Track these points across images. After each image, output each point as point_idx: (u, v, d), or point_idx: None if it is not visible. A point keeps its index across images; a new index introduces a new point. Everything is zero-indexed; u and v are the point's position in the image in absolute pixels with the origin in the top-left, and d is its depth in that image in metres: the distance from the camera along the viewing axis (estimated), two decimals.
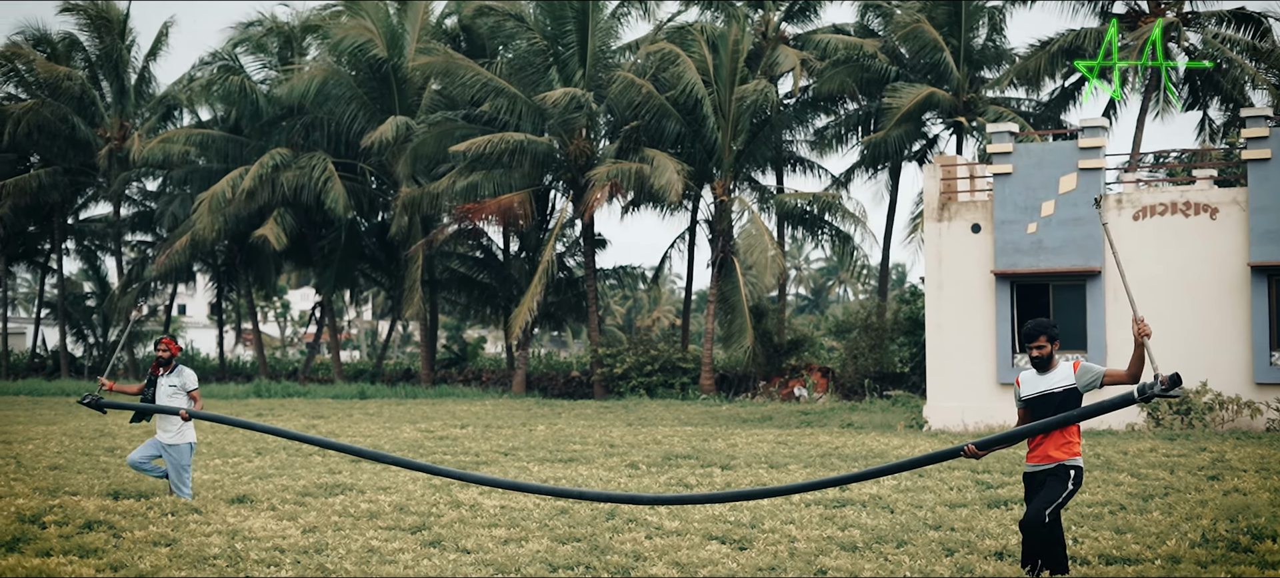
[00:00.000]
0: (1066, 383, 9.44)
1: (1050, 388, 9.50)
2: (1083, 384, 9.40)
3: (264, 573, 10.03)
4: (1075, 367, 9.50)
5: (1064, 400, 9.42)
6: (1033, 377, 9.66)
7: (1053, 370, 9.57)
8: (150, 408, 14.19)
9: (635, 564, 10.41)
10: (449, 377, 48.99)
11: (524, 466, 18.76)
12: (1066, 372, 9.50)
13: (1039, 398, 9.54)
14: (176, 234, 47.34)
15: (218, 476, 17.01)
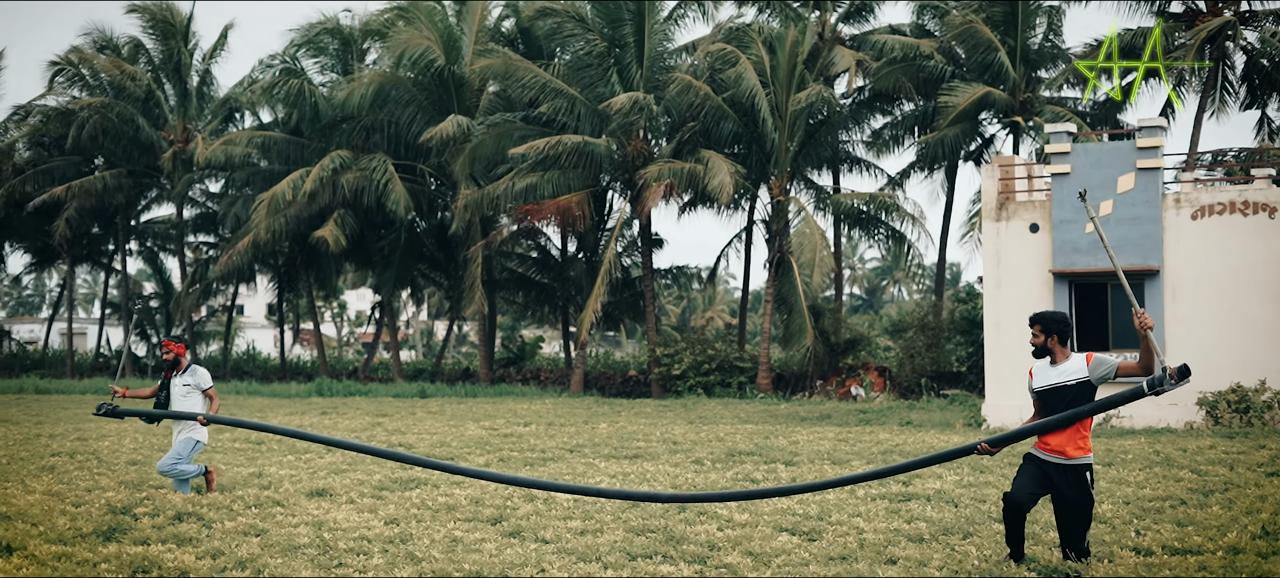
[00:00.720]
0: (1079, 376, 9.61)
1: (1062, 380, 9.67)
2: (1096, 377, 9.56)
3: (356, 561, 10.42)
4: (1088, 359, 9.65)
5: (1076, 393, 9.60)
6: (1045, 368, 9.84)
7: (1065, 362, 9.74)
8: (166, 414, 14.39)
9: (710, 554, 10.76)
10: (507, 376, 49.44)
11: (590, 462, 19.12)
12: (1079, 364, 9.66)
13: (1051, 390, 9.73)
14: (238, 235, 47.99)
15: (293, 470, 17.45)
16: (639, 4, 41.97)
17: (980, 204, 40.03)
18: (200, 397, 14.52)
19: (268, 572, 9.95)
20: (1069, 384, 9.61)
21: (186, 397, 14.46)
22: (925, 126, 43.69)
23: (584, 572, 9.95)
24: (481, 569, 9.98)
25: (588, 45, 42.35)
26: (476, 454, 20.51)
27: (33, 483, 15.94)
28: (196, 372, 14.57)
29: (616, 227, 43.14)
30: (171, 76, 52.81)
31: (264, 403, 38.45)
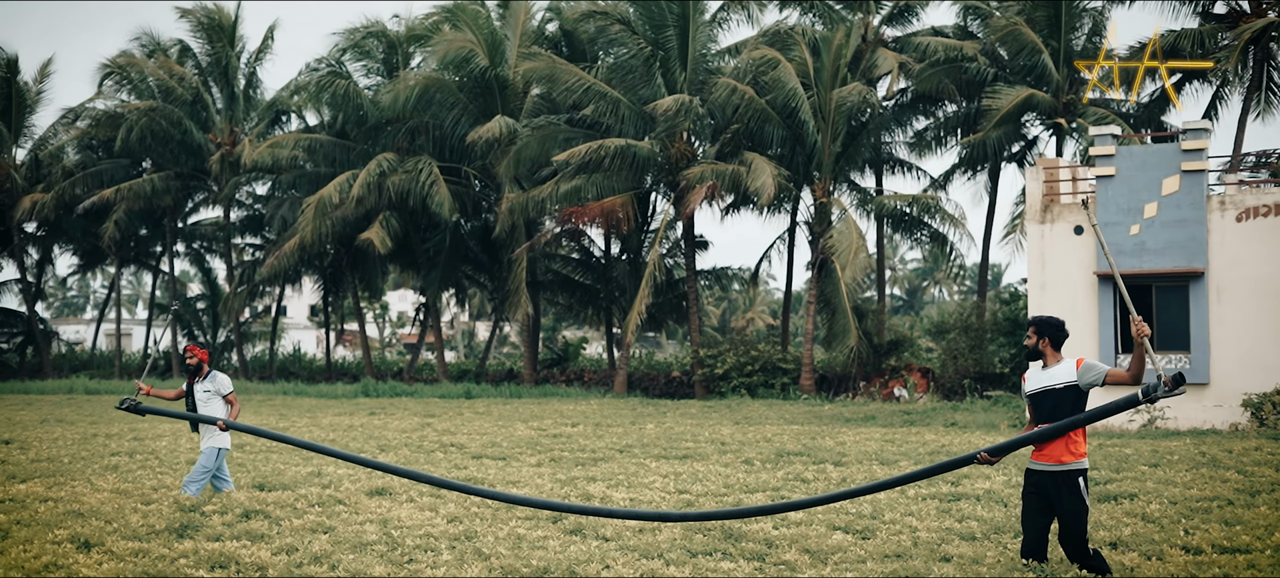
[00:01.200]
0: (1067, 379, 9.62)
1: (1051, 383, 9.69)
2: (1084, 382, 9.56)
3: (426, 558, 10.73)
4: (1078, 364, 9.66)
5: (1063, 396, 9.62)
6: (1037, 371, 9.90)
7: (1055, 366, 9.76)
8: (187, 416, 14.55)
9: (768, 551, 11.03)
10: (551, 377, 49.76)
11: (640, 462, 19.40)
12: (1069, 368, 9.68)
13: (1040, 392, 9.75)
14: (285, 237, 48.46)
15: (351, 470, 17.80)
16: (683, 7, 42.23)
17: (1023, 206, 40.27)
18: (221, 403, 14.65)
19: (342, 567, 10.27)
20: (1057, 387, 9.66)
21: (207, 403, 14.59)
22: (968, 128, 43.79)
23: (648, 569, 10.23)
24: (548, 566, 10.27)
25: (632, 48, 42.60)
26: (527, 455, 20.81)
27: (98, 482, 16.35)
28: (217, 378, 14.70)
29: (660, 228, 43.39)
30: (219, 80, 53.35)
31: (313, 404, 38.90)
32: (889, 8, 45.50)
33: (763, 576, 10.09)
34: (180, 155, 53.00)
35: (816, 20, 45.40)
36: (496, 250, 49.32)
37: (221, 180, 52.61)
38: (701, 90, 42.45)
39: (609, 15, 43.04)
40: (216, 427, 14.28)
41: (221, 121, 52.82)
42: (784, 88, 39.91)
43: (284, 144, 48.75)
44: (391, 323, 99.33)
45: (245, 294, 53.93)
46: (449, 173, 46.61)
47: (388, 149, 47.15)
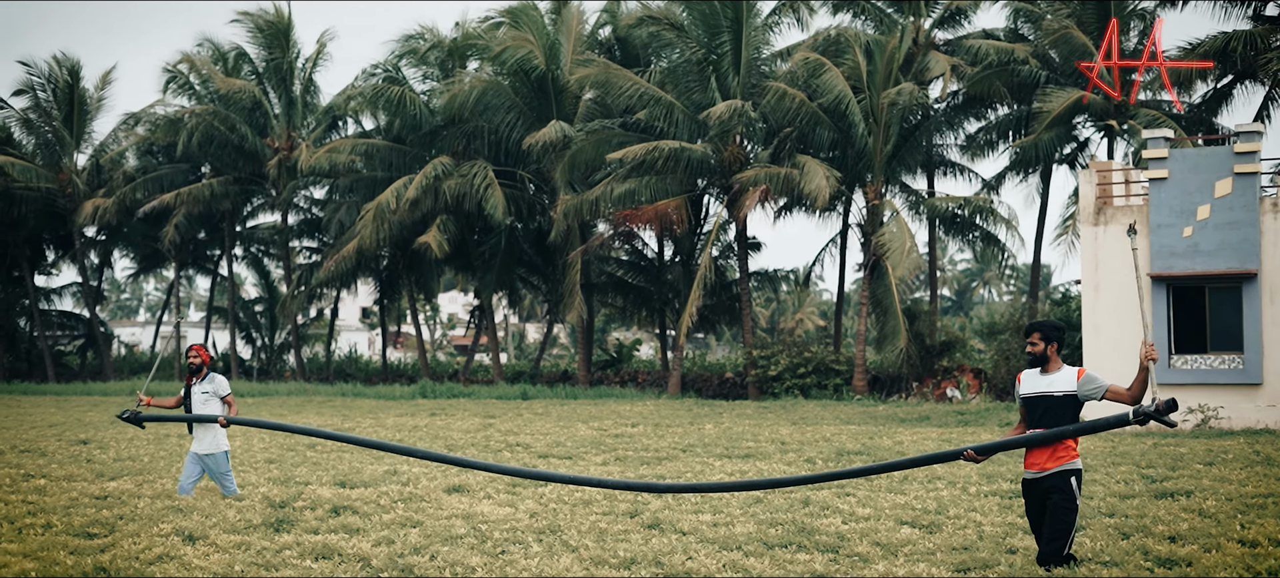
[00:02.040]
0: (1067, 388, 9.64)
1: (1049, 390, 9.70)
2: (1083, 393, 9.59)
3: (517, 550, 11.26)
4: (1079, 374, 9.66)
5: (1060, 404, 9.64)
6: (1034, 376, 9.87)
7: (1055, 373, 9.78)
8: (187, 418, 14.73)
9: (841, 544, 11.52)
10: (606, 378, 50.27)
11: (705, 461, 19.90)
12: (1069, 377, 9.69)
13: (1036, 397, 9.76)
14: (343, 241, 49.15)
15: (426, 467, 18.38)
16: (736, 10, 42.66)
17: (1075, 207, 40.53)
18: (219, 404, 14.87)
19: (440, 559, 10.82)
20: (1056, 395, 9.68)
21: (205, 404, 14.81)
22: (1020, 130, 44.04)
23: (728, 560, 10.73)
24: (634, 557, 10.79)
25: (685, 52, 43.06)
26: (593, 454, 21.34)
27: None
28: (215, 379, 14.93)
29: (713, 231, 43.84)
30: (276, 85, 54.07)
31: (373, 404, 39.57)
32: (940, 11, 45.78)
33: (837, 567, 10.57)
34: (238, 160, 53.77)
35: (868, 23, 45.75)
36: (550, 253, 49.87)
37: (279, 185, 53.35)
38: (754, 94, 42.85)
39: (663, 20, 43.51)
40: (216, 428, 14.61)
41: (279, 126, 53.54)
42: (835, 91, 40.27)
43: (341, 149, 49.48)
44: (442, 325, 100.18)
45: (303, 297, 54.72)
46: (503, 176, 47.16)
47: (443, 153, 47.76)
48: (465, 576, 10.10)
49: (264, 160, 53.32)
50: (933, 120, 44.76)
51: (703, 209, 47.83)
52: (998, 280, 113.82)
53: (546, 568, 10.36)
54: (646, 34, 44.74)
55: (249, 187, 55.75)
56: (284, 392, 46.72)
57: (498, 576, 10.08)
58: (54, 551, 11.25)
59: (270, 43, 53.53)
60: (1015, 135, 44.35)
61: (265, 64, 54.14)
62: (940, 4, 45.49)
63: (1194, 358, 27.55)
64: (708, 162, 43.09)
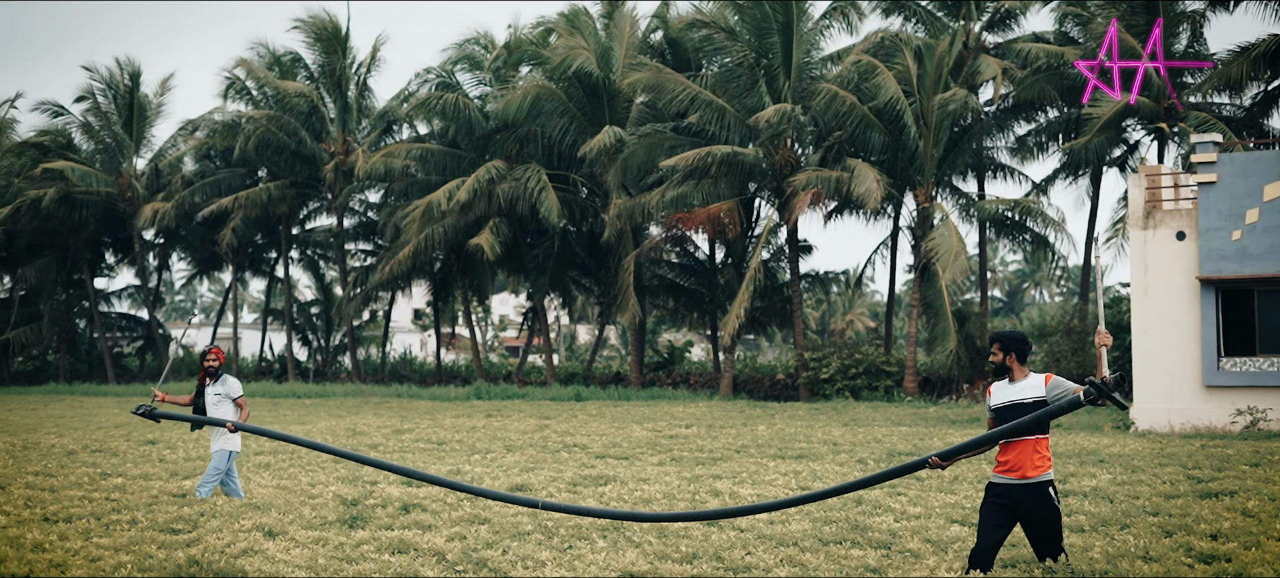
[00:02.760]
0: (1036, 395, 9.79)
1: (1018, 398, 9.84)
2: (1052, 398, 9.74)
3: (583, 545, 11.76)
4: (1047, 380, 9.83)
5: (1031, 410, 9.75)
6: (1004, 386, 10.02)
7: (1022, 381, 9.91)
8: (201, 420, 14.94)
9: (893, 540, 11.99)
10: (658, 379, 50.76)
11: (759, 462, 20.36)
12: (1037, 384, 9.82)
13: (1007, 407, 9.89)
14: (399, 244, 49.87)
15: (483, 468, 18.94)
16: (786, 15, 43.08)
17: (1125, 209, 40.75)
18: (231, 406, 15.16)
19: (511, 553, 11.35)
20: (1025, 402, 9.81)
21: (218, 405, 15.09)
22: (1070, 133, 44.28)
23: (786, 555, 11.21)
24: (696, 552, 11.29)
25: (736, 56, 43.50)
26: (649, 455, 21.84)
27: (257, 478, 17.62)
28: (227, 381, 15.18)
29: (763, 233, 44.26)
30: (331, 90, 54.85)
31: (429, 406, 40.21)
32: (990, 15, 46.06)
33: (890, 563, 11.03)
34: (295, 164, 54.58)
35: (918, 27, 46.07)
36: (602, 255, 50.45)
37: (335, 188, 54.10)
38: (804, 97, 43.25)
39: (714, 25, 43.98)
40: (226, 429, 14.78)
41: (335, 131, 54.33)
42: (886, 94, 40.62)
43: (397, 153, 50.21)
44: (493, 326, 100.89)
45: (360, 299, 55.47)
46: (557, 180, 47.73)
47: (497, 157, 48.36)
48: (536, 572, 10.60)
49: (320, 164, 54.09)
50: (983, 123, 45.02)
51: (754, 212, 48.24)
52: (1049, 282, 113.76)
53: (613, 563, 10.85)
54: (698, 38, 45.17)
55: (305, 190, 56.57)
56: (340, 393, 47.46)
57: (567, 572, 10.58)
58: (145, 545, 11.84)
59: (326, 48, 54.32)
60: (1065, 138, 44.60)
61: (320, 69, 54.92)
62: (990, 7, 45.79)
63: (1242, 360, 27.80)
64: (759, 165, 43.51)
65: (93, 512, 14.18)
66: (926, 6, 46.00)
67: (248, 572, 10.55)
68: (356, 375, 56.21)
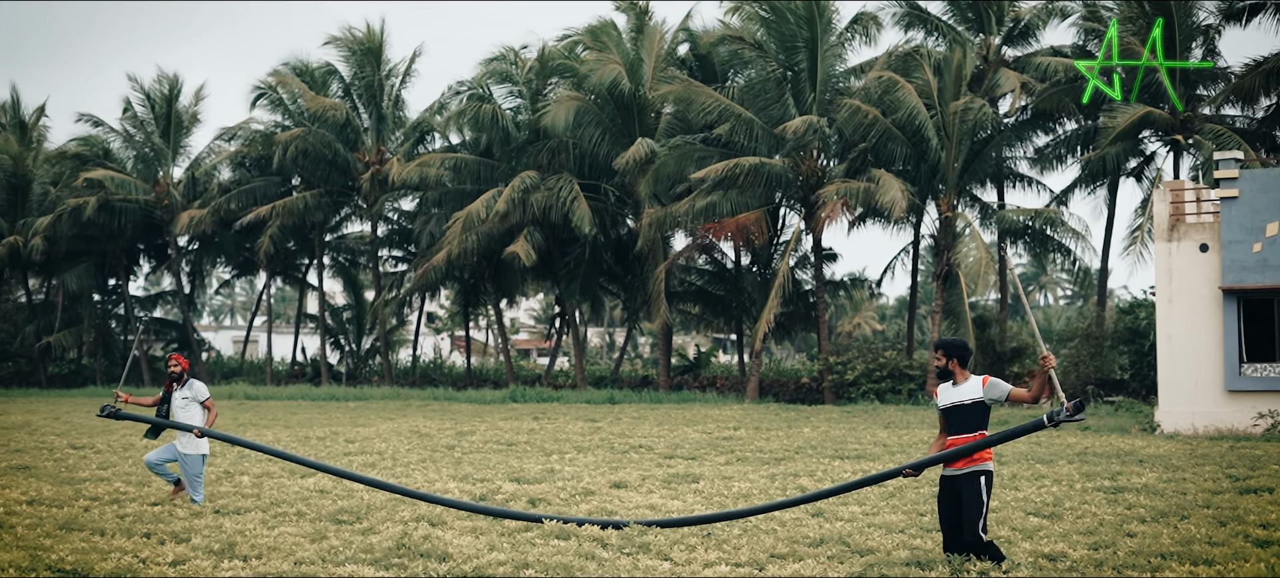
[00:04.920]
0: (974, 396, 11.02)
1: (960, 399, 11.10)
2: (989, 398, 10.99)
3: (680, 552, 13.19)
4: (984, 382, 11.03)
5: (970, 410, 11.02)
6: (948, 388, 11.25)
7: (964, 383, 11.13)
8: (164, 423, 15.48)
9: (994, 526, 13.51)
10: (685, 383, 52.12)
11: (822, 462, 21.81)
12: (975, 386, 11.04)
13: (951, 407, 11.15)
14: (432, 250, 51.28)
15: (573, 469, 20.43)
16: (813, 31, 44.50)
17: (1141, 219, 42.26)
18: (198, 409, 15.58)
19: (663, 536, 12.84)
20: (965, 403, 11.04)
21: (185, 409, 15.49)
22: (1088, 144, 45.64)
23: (898, 540, 12.72)
24: (793, 544, 12.79)
25: (763, 70, 44.89)
26: (712, 455, 23.35)
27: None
28: (194, 385, 15.63)
29: (791, 242, 45.67)
30: (366, 101, 56.22)
31: (473, 408, 41.61)
32: (1008, 29, 47.47)
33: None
34: (330, 173, 55.99)
35: (939, 42, 47.45)
36: (630, 262, 51.87)
37: (370, 197, 55.52)
38: (829, 110, 44.64)
39: (743, 39, 45.41)
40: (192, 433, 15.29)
41: (370, 141, 55.73)
42: (908, 107, 41.98)
43: (431, 163, 51.61)
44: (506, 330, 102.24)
45: (394, 304, 56.91)
46: (588, 189, 49.07)
47: (528, 167, 49.76)
48: (687, 557, 12.11)
49: (355, 174, 55.49)
50: (1002, 135, 46.39)
51: (779, 220, 49.63)
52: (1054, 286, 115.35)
53: (747, 551, 12.36)
54: (727, 52, 46.56)
55: (339, 198, 57.98)
56: (378, 396, 48.77)
57: (716, 555, 12.09)
58: (322, 526, 13.34)
59: (361, 61, 55.70)
60: (1083, 149, 45.90)
61: (356, 81, 56.27)
62: (1009, 22, 47.18)
63: (1263, 366, 29.31)
64: (786, 176, 44.88)
65: (265, 506, 15.61)
66: (947, 21, 47.41)
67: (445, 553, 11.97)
68: (389, 378, 57.58)
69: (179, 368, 15.73)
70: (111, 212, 58.10)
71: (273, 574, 11.08)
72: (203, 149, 61.16)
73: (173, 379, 15.72)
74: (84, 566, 11.33)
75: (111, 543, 12.56)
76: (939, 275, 43.98)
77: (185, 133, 60.77)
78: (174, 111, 59.73)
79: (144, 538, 13.03)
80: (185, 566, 11.44)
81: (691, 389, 49.94)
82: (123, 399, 15.96)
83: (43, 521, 14.16)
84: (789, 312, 50.32)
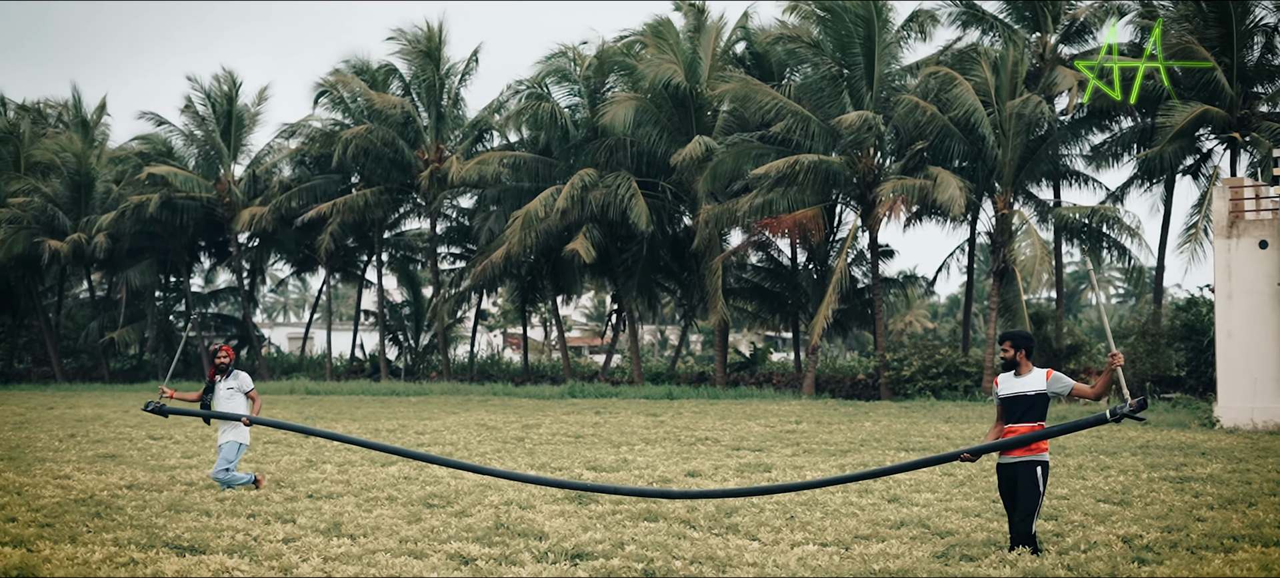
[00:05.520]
0: (1038, 388, 11.18)
1: (1023, 390, 11.27)
2: (1052, 391, 11.17)
3: (765, 533, 13.59)
4: (1048, 375, 11.17)
5: (1034, 402, 11.20)
6: (1010, 378, 11.41)
7: (1028, 374, 11.31)
8: (210, 414, 15.74)
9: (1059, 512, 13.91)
10: (741, 379, 52.53)
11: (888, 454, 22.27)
12: (1040, 378, 11.20)
13: (1013, 397, 11.31)
14: (492, 247, 51.87)
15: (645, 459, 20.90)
16: (869, 29, 44.84)
17: (1198, 216, 42.40)
18: (242, 399, 15.90)
19: (750, 516, 13.32)
20: (1029, 394, 11.22)
21: (230, 399, 15.81)
22: (1144, 142, 45.73)
23: (976, 523, 13.16)
24: (875, 526, 13.23)
25: (820, 68, 45.27)
26: (779, 446, 23.78)
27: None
28: (239, 376, 15.91)
29: (848, 239, 45.99)
30: (425, 99, 56.84)
31: (535, 403, 42.11)
32: (1064, 27, 47.62)
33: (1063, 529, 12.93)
34: (390, 171, 56.66)
35: (995, 39, 47.65)
36: (686, 259, 52.32)
37: (429, 194, 56.15)
38: (885, 108, 44.96)
39: (800, 38, 45.80)
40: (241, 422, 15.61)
41: (429, 139, 56.37)
42: (966, 104, 42.25)
43: (490, 161, 52.20)
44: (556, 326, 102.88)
45: (453, 301, 57.58)
46: (644, 186, 49.56)
47: (587, 165, 50.26)
48: (773, 536, 12.59)
49: (415, 171, 56.13)
50: (1058, 132, 46.55)
51: (836, 218, 49.95)
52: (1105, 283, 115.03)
53: (832, 532, 12.83)
54: (784, 51, 46.97)
55: (398, 196, 58.69)
56: (438, 392, 49.42)
57: (801, 535, 12.57)
58: (415, 509, 13.88)
59: (422, 61, 56.34)
60: (1140, 147, 45.96)
61: (416, 80, 56.91)
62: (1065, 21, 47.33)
63: None
64: (843, 173, 45.20)
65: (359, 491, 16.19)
66: (1003, 19, 47.60)
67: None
68: (448, 374, 58.21)
69: (227, 359, 16.07)
70: (174, 209, 58.95)
71: (382, 549, 11.63)
72: (262, 147, 62.01)
73: (218, 370, 16.03)
74: (200, 543, 11.92)
75: (221, 522, 13.17)
76: (995, 272, 44.24)
77: (246, 131, 61.59)
78: (234, 110, 60.56)
79: (249, 518, 13.62)
80: (297, 543, 12.00)
81: (747, 385, 50.33)
82: (168, 395, 16.15)
83: (148, 503, 14.78)
84: (844, 309, 50.62)
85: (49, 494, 15.76)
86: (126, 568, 10.73)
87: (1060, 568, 10.64)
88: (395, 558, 11.21)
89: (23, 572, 10.46)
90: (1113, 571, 10.56)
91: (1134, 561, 11.08)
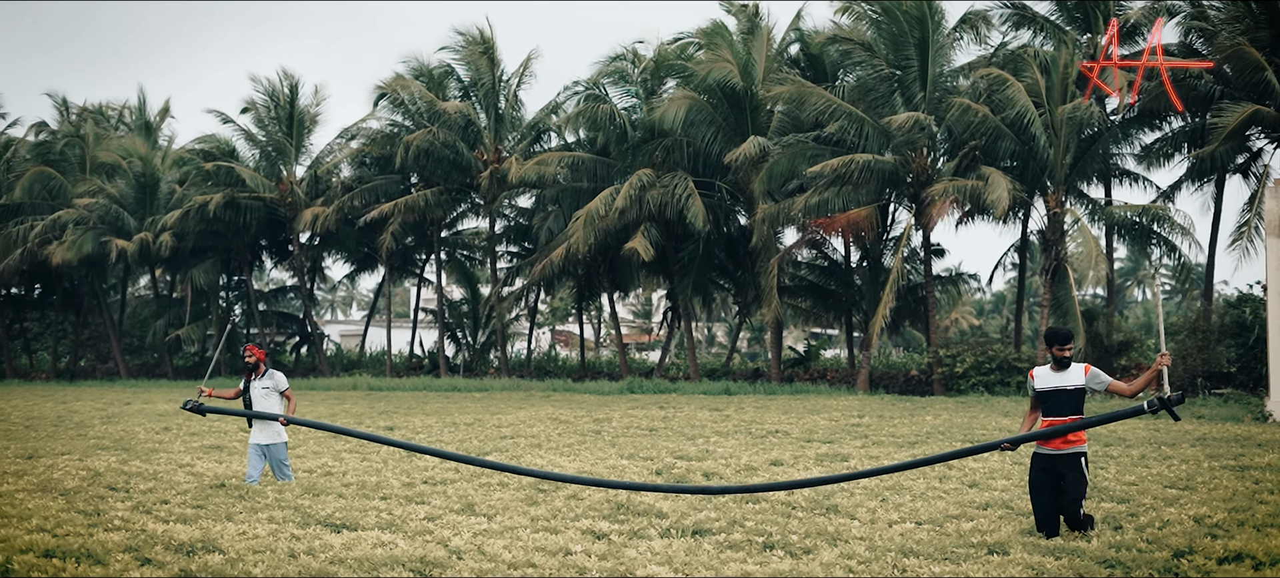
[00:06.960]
0: (1078, 383, 11.69)
1: (1064, 384, 11.76)
2: (1091, 386, 11.73)
3: (872, 503, 14.71)
4: (1086, 371, 11.71)
5: (1074, 396, 11.69)
6: (1047, 373, 11.94)
7: (1067, 370, 11.80)
8: (248, 414, 15.90)
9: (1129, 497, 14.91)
10: (795, 376, 53.43)
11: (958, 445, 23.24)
12: (1079, 373, 11.70)
13: (1053, 391, 11.82)
14: (551, 246, 53.01)
15: (726, 450, 21.95)
16: (923, 31, 45.70)
17: (1249, 215, 43.09)
18: (278, 398, 16.07)
19: (842, 510, 14.37)
20: (1068, 388, 11.72)
21: (266, 398, 16.00)
22: (1195, 142, 46.35)
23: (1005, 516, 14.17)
24: (963, 507, 14.26)
25: (873, 70, 46.16)
26: (848, 439, 24.79)
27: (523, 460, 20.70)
28: (274, 376, 16.09)
29: (903, 237, 46.84)
30: (483, 101, 57.94)
31: (597, 400, 43.09)
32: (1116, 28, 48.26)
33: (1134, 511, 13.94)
34: (451, 172, 57.81)
35: (1046, 41, 48.37)
36: (742, 258, 53.31)
37: (488, 194, 57.29)
38: (938, 109, 45.78)
39: (853, 40, 46.69)
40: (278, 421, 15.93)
41: (488, 140, 57.49)
42: (1018, 105, 43.02)
43: (548, 161, 53.30)
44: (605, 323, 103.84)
45: (512, 299, 58.73)
46: (701, 186, 50.53)
47: (644, 165, 51.28)
48: (869, 517, 13.63)
49: (474, 172, 57.29)
50: (1109, 132, 47.25)
51: (889, 217, 50.82)
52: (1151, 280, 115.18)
53: (925, 511, 13.87)
54: (837, 52, 47.84)
55: (458, 195, 59.90)
56: (499, 388, 50.45)
57: (896, 514, 13.61)
58: (531, 492, 14.98)
59: (479, 62, 57.47)
60: (1191, 147, 46.58)
61: (473, 81, 58.02)
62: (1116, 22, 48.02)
63: None
64: (897, 173, 46.04)
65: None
66: (1053, 21, 48.34)
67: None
68: (506, 370, 59.34)
69: (253, 359, 16.21)
70: (237, 209, 60.26)
71: (518, 526, 12.75)
72: (323, 148, 63.17)
73: (250, 370, 16.25)
74: (351, 521, 13.07)
75: (366, 503, 14.30)
76: (1047, 270, 44.97)
77: (307, 132, 62.88)
78: (295, 111, 61.88)
79: (382, 500, 14.77)
80: (439, 521, 13.14)
81: (801, 381, 51.19)
82: (206, 394, 16.27)
83: (281, 489, 15.93)
84: (898, 306, 51.44)
85: (182, 480, 16.95)
86: (298, 543, 11.84)
87: (1141, 542, 11.66)
88: (534, 533, 12.32)
89: (206, 543, 11.61)
90: (1190, 544, 11.56)
91: (1207, 535, 12.09)
